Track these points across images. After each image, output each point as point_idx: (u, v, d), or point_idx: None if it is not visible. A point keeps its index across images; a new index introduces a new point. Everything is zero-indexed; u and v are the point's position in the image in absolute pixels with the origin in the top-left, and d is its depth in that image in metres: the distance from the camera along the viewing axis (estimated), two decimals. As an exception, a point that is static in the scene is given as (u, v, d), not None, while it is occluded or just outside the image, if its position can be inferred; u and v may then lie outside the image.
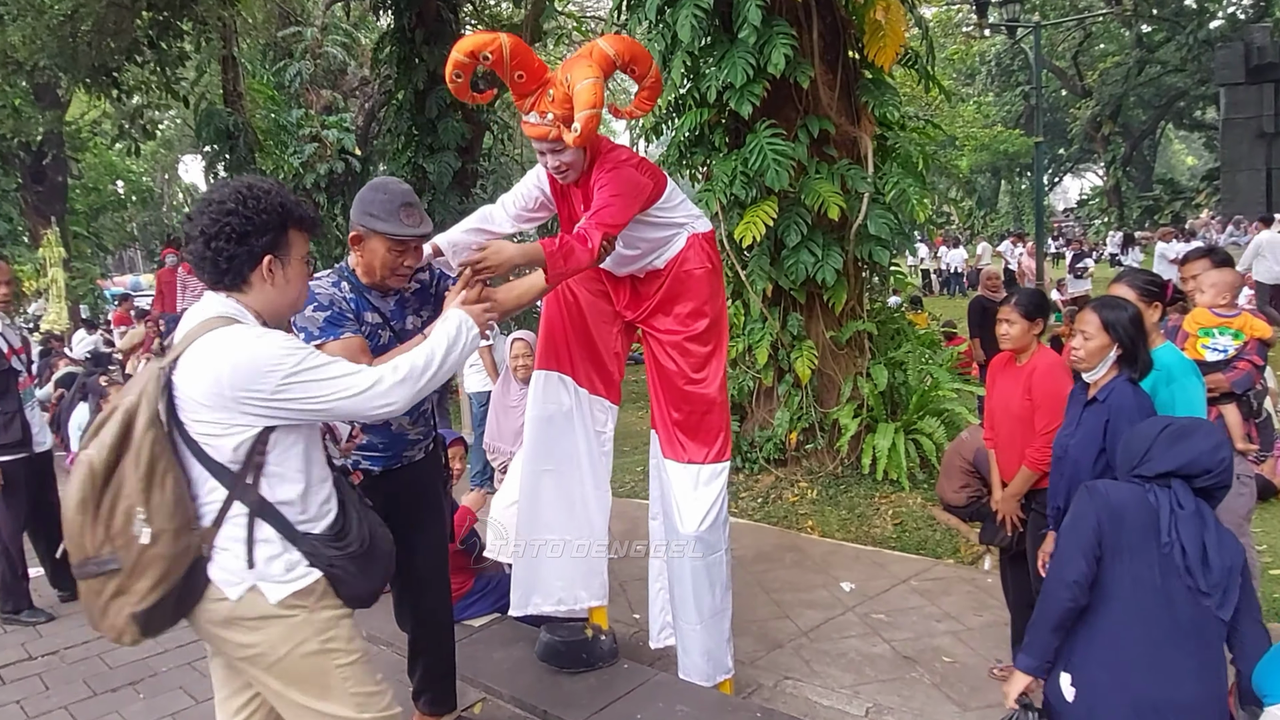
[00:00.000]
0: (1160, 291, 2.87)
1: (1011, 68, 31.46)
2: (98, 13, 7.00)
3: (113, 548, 1.61)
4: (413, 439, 2.65)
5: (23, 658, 3.74)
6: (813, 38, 5.41)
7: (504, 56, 2.43)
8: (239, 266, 1.76)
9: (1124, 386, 2.53)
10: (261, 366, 1.65)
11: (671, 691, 2.80)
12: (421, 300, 2.62)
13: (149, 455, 1.62)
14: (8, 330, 4.14)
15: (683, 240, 2.93)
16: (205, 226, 1.72)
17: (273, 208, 1.76)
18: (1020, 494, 3.12)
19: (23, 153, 18.05)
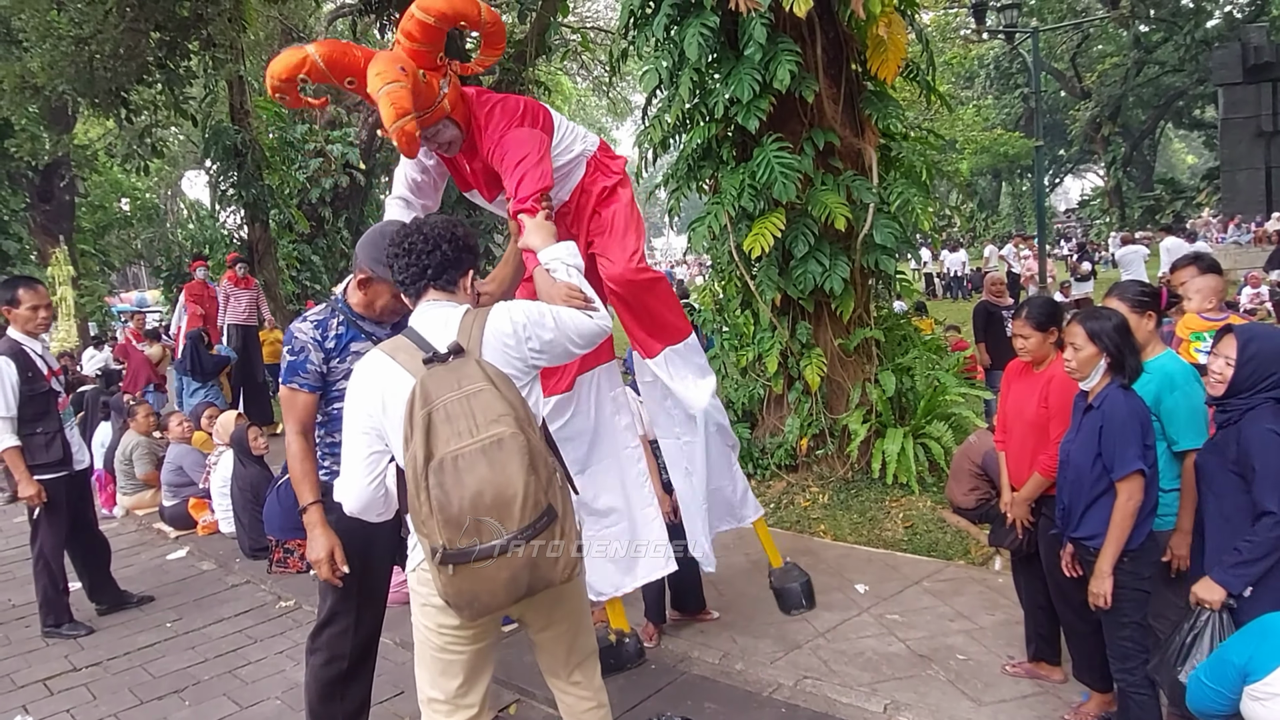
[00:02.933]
0: (1153, 300, 2.95)
1: (1010, 70, 31.65)
2: (114, 37, 7.17)
3: (548, 498, 1.85)
4: None
5: (67, 669, 3.88)
6: (816, 53, 5.54)
7: (322, 70, 2.49)
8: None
9: (1115, 393, 2.63)
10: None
11: (699, 690, 2.91)
12: None
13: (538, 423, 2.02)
14: (46, 353, 4.29)
15: (582, 168, 3.07)
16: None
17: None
18: (1032, 498, 3.21)
19: (31, 172, 18.28)
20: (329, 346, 2.56)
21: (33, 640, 4.30)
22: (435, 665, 2.09)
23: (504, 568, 1.81)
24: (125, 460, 6.68)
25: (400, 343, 1.99)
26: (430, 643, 2.09)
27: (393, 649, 3.76)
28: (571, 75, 23.89)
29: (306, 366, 2.53)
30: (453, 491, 1.77)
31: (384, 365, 1.97)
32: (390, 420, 1.94)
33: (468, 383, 1.84)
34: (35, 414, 4.12)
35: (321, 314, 2.62)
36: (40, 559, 4.24)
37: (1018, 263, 17.44)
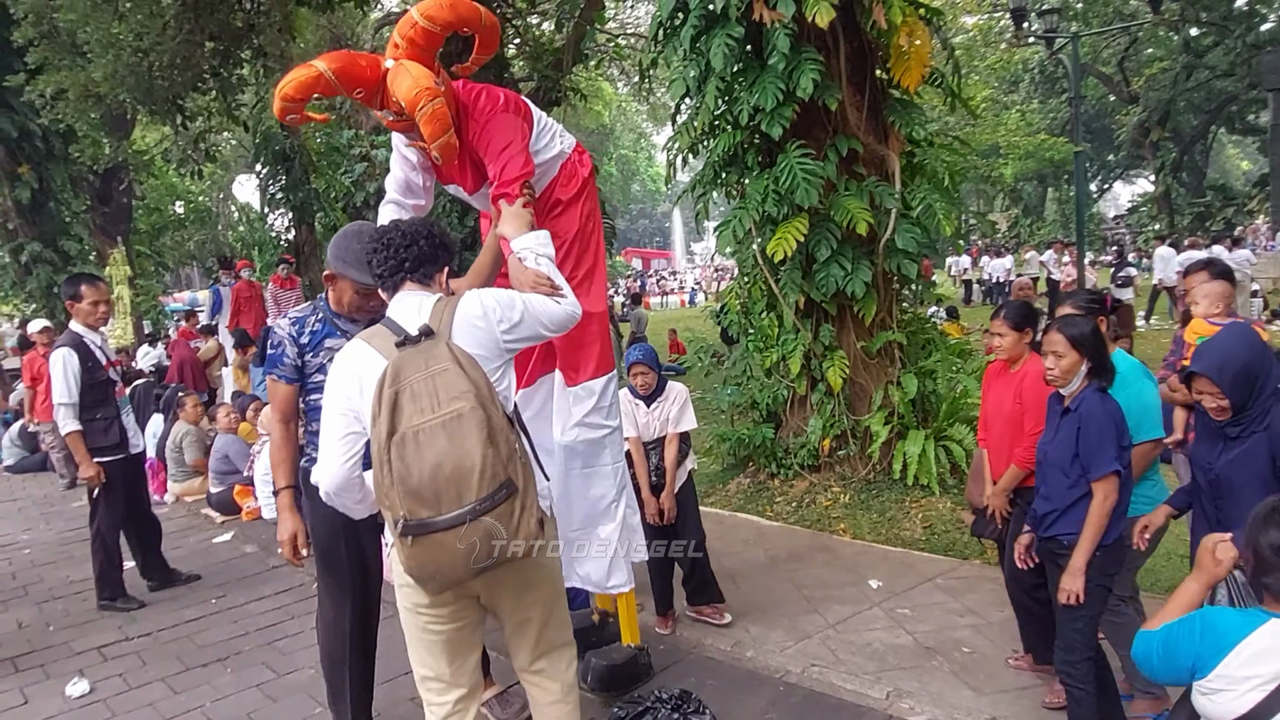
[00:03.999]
0: (1100, 306, 3.12)
1: (1055, 74, 31.14)
2: (171, 48, 7.55)
3: (508, 471, 1.94)
4: None
5: (120, 639, 4.16)
6: (840, 62, 5.66)
7: (334, 84, 2.55)
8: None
9: (1093, 396, 2.70)
10: None
11: (703, 669, 3.06)
12: None
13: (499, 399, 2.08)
14: (104, 344, 4.61)
15: (555, 169, 3.11)
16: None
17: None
18: (1008, 489, 3.37)
19: (92, 176, 19.01)
20: (304, 342, 2.73)
21: (89, 613, 4.61)
22: (420, 645, 2.17)
23: (462, 538, 1.88)
24: (175, 448, 7.03)
25: (377, 329, 2.11)
26: (411, 623, 2.17)
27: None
28: (612, 81, 24.16)
29: (283, 359, 2.72)
30: (413, 464, 1.87)
31: (361, 350, 2.08)
32: (366, 402, 2.02)
33: (434, 363, 1.95)
34: (95, 401, 4.43)
35: (303, 312, 2.80)
36: (98, 537, 4.56)
37: (1058, 269, 17.21)
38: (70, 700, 3.53)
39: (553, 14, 12.85)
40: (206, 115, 13.66)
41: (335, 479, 2.06)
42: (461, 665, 2.20)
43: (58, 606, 4.74)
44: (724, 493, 6.47)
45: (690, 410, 4.08)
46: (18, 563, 5.65)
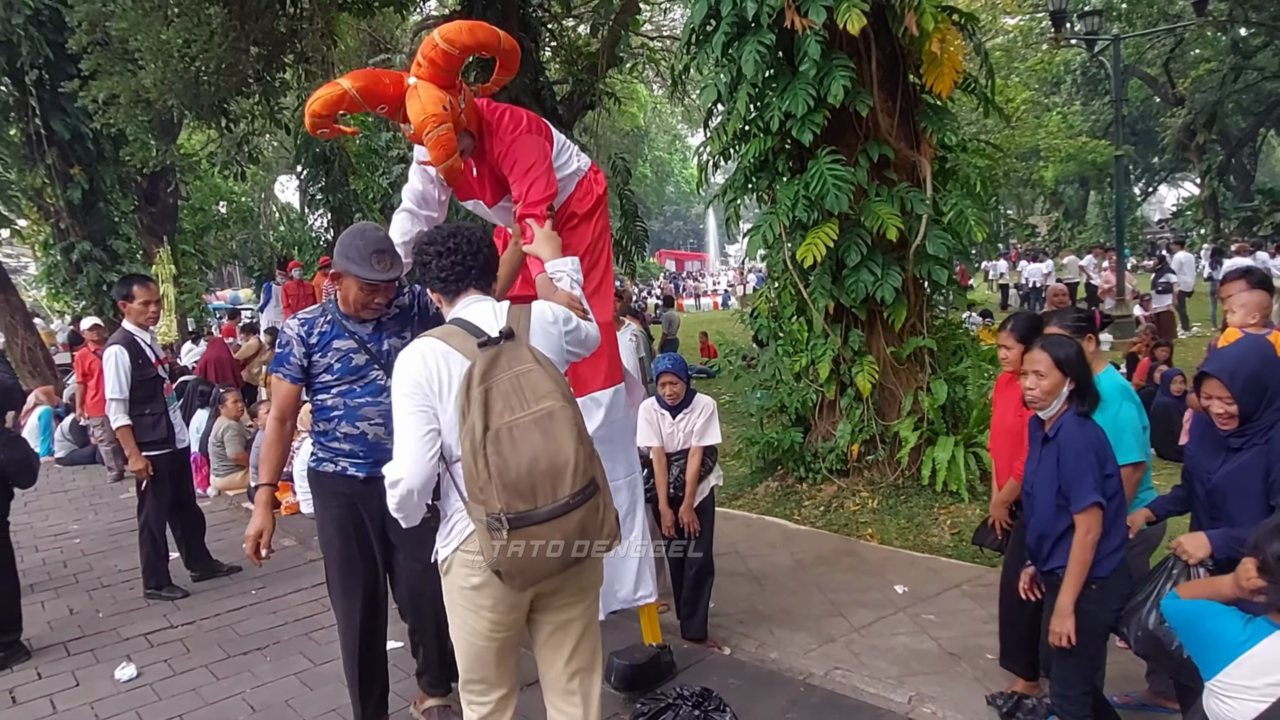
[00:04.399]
0: (1089, 323, 3.07)
1: (1098, 76, 30.60)
2: (218, 55, 7.78)
3: (592, 469, 2.02)
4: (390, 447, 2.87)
5: (165, 626, 4.33)
6: (871, 68, 5.67)
7: (358, 101, 2.66)
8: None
9: (1071, 422, 2.62)
10: None
11: (725, 668, 3.11)
12: (402, 324, 2.91)
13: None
14: (154, 343, 4.80)
15: (571, 187, 3.17)
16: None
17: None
18: (1008, 501, 3.37)
19: (140, 177, 19.55)
20: (311, 342, 2.78)
21: (136, 601, 4.79)
22: (472, 648, 2.17)
23: (556, 532, 1.94)
24: (218, 443, 7.25)
25: (451, 330, 2.11)
26: (467, 626, 2.16)
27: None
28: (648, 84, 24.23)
29: (290, 359, 2.78)
30: (510, 458, 1.91)
31: (438, 349, 2.08)
32: (445, 401, 2.04)
33: (518, 364, 2.01)
34: (144, 397, 4.62)
35: (312, 313, 2.85)
36: (145, 528, 4.74)
37: (1098, 274, 16.94)
38: (119, 684, 3.68)
39: (588, 17, 12.96)
40: (250, 119, 14.00)
41: (421, 476, 2.02)
42: (507, 666, 2.23)
43: (107, 594, 4.93)
44: (752, 496, 6.51)
45: (716, 424, 4.01)
46: (69, 551, 5.88)
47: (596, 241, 3.29)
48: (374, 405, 2.79)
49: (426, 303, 2.95)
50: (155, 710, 3.42)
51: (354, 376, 2.79)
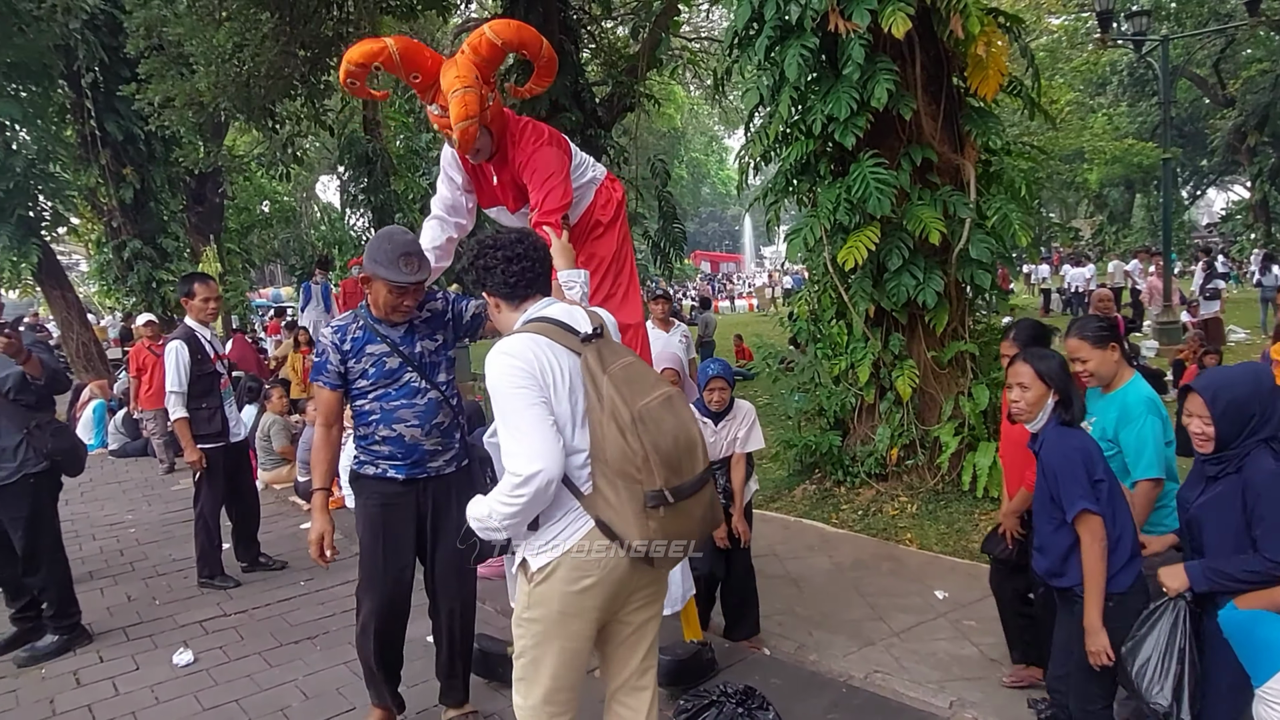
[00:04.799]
0: (1113, 332, 3.01)
1: (1145, 77, 29.98)
2: (269, 59, 7.98)
3: (709, 457, 2.13)
4: (429, 449, 2.90)
5: (219, 614, 4.47)
6: (915, 71, 5.65)
7: (396, 62, 2.70)
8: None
9: (1052, 434, 2.61)
10: None
11: (767, 668, 3.14)
12: (434, 327, 2.95)
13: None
14: (213, 339, 4.96)
15: (590, 195, 3.21)
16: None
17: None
18: (1019, 511, 3.34)
19: (189, 177, 20.05)
20: (345, 349, 2.82)
21: (190, 589, 4.94)
22: (563, 657, 2.12)
23: (697, 506, 2.04)
24: (264, 437, 7.43)
25: (544, 327, 2.11)
26: (566, 633, 2.11)
27: (493, 615, 4.16)
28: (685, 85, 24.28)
29: (327, 366, 2.83)
30: (658, 436, 1.97)
31: (542, 343, 2.07)
32: (558, 393, 2.04)
33: (621, 355, 2.10)
34: (201, 391, 4.79)
35: (345, 320, 2.89)
36: (200, 518, 4.90)
37: (1143, 279, 16.61)
38: (177, 669, 3.81)
39: (628, 20, 13.04)
40: (295, 120, 14.31)
41: (560, 463, 1.99)
42: (581, 675, 2.24)
43: (162, 582, 5.09)
44: (789, 498, 6.52)
45: (759, 430, 4.03)
46: (124, 540, 6.07)
47: (621, 247, 3.35)
48: (409, 408, 2.83)
49: (461, 308, 3.00)
50: (213, 694, 3.54)
51: (389, 380, 2.82)
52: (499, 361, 2.04)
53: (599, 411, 2.01)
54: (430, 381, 2.87)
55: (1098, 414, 3.02)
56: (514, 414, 2.00)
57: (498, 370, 2.03)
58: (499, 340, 2.12)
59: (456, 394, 3.00)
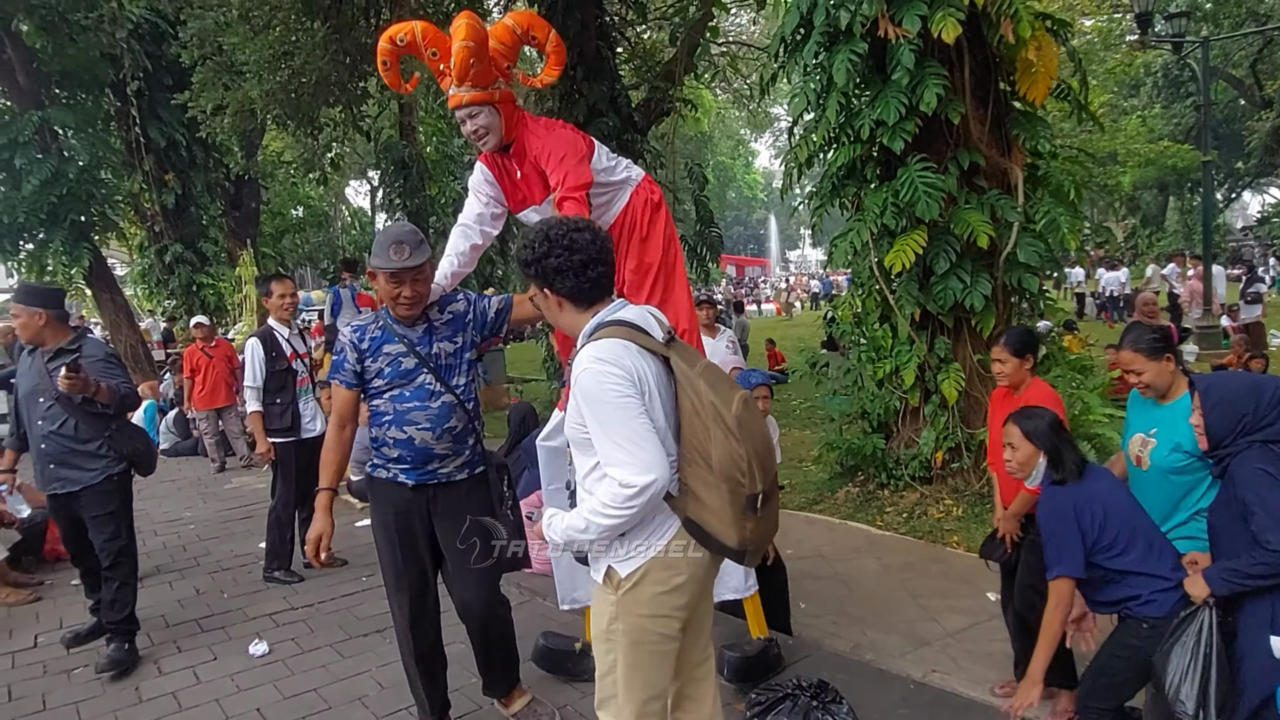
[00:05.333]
0: (1166, 343, 2.98)
1: (1180, 79, 29.61)
2: (320, 67, 8.16)
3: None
4: (439, 454, 2.86)
5: (287, 608, 4.60)
6: (964, 76, 5.68)
7: (416, 39, 2.80)
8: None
9: (1044, 493, 2.67)
10: None
11: (831, 664, 3.20)
12: (454, 328, 2.92)
13: None
14: (293, 337, 5.12)
15: (626, 195, 3.20)
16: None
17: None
18: (1019, 514, 3.36)
19: (227, 183, 20.45)
20: (363, 348, 2.82)
21: (255, 583, 5.08)
22: (656, 660, 2.11)
23: (775, 506, 2.07)
24: (315, 438, 7.59)
25: (624, 330, 2.06)
26: (663, 633, 2.10)
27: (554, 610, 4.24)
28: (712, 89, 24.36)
29: (344, 365, 2.83)
30: (751, 438, 1.98)
31: (631, 348, 2.03)
32: (651, 398, 2.02)
33: (698, 358, 2.12)
34: (275, 387, 4.98)
35: (365, 320, 2.91)
36: (274, 512, 5.07)
37: (1180, 283, 16.42)
38: (253, 659, 3.95)
39: (664, 26, 13.13)
40: (332, 126, 14.57)
41: (669, 472, 1.99)
42: (670, 678, 2.23)
43: (227, 576, 5.25)
44: (832, 501, 6.56)
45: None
46: (185, 537, 6.24)
47: (667, 250, 3.33)
48: (422, 410, 2.81)
49: (484, 307, 2.99)
50: (291, 683, 3.66)
51: (404, 380, 2.81)
52: (598, 370, 1.98)
53: (699, 415, 2.00)
54: (445, 384, 2.84)
55: (1160, 425, 2.99)
56: (621, 424, 1.95)
57: (598, 379, 1.97)
58: (587, 345, 2.05)
59: (474, 399, 2.97)
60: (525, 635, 3.92)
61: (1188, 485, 2.90)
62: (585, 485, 2.12)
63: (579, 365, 2.03)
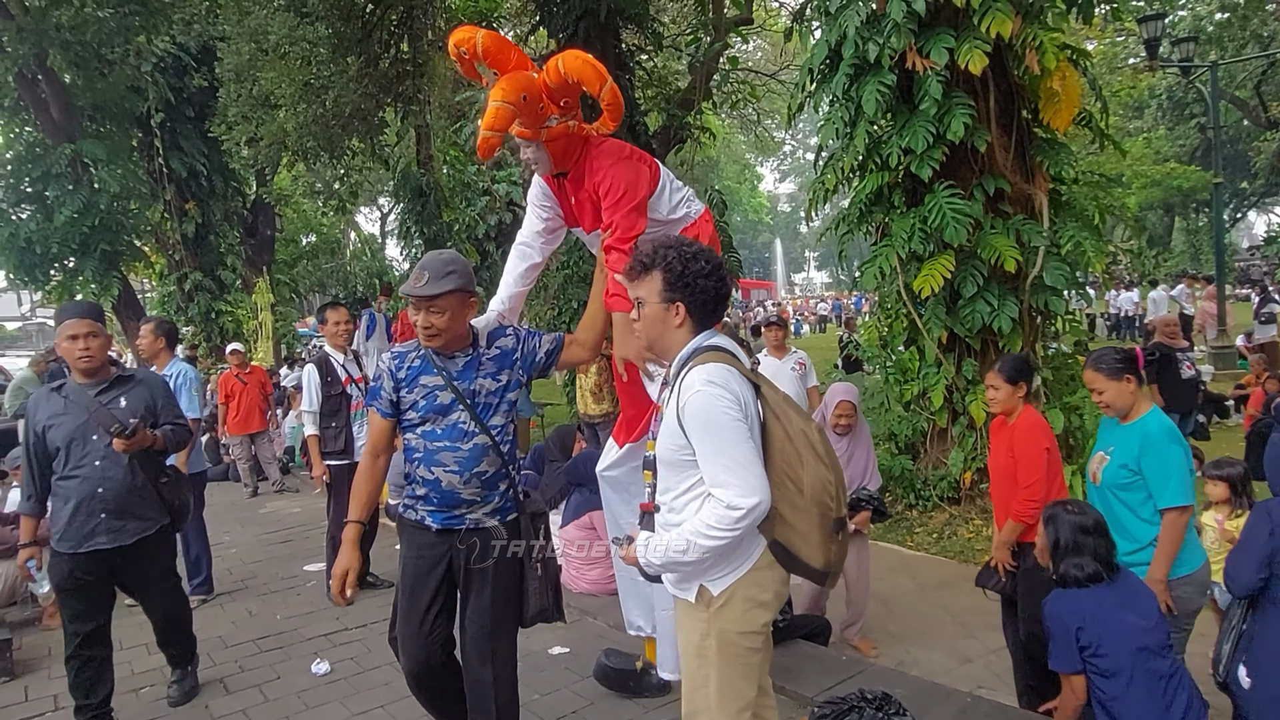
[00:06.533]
0: (1128, 365, 3.08)
1: (1185, 101, 29.89)
2: (353, 99, 8.39)
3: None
4: (466, 499, 2.66)
5: (340, 629, 4.68)
6: (989, 105, 5.86)
7: (477, 53, 2.71)
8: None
9: (1052, 593, 2.78)
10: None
11: (887, 679, 3.29)
12: (500, 365, 2.74)
13: None
14: (348, 363, 5.26)
15: (677, 231, 3.03)
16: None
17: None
18: (1008, 543, 3.44)
19: (245, 211, 20.75)
20: (400, 377, 2.67)
21: (307, 604, 5.17)
22: (744, 672, 2.18)
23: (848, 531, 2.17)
24: (350, 463, 7.71)
25: (725, 357, 2.14)
26: (752, 647, 2.17)
27: (606, 629, 4.34)
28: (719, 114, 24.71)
29: (380, 393, 2.69)
30: (838, 468, 2.10)
31: (735, 374, 2.11)
32: (751, 423, 2.09)
33: (776, 387, 2.24)
34: (330, 411, 5.12)
35: (408, 346, 2.75)
36: (330, 536, 5.20)
37: (1190, 304, 16.52)
38: (316, 677, 4.03)
39: (679, 55, 13.38)
40: (351, 155, 14.84)
41: (770, 497, 2.05)
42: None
43: (277, 598, 5.33)
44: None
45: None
46: (229, 560, 6.34)
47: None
48: (451, 451, 2.64)
49: (534, 346, 2.84)
50: (358, 700, 3.74)
51: (437, 415, 2.65)
52: (713, 393, 2.03)
53: (791, 441, 2.08)
54: (481, 424, 2.66)
55: (1116, 443, 3.09)
56: (733, 446, 2.01)
57: (713, 402, 2.02)
58: (696, 369, 2.10)
59: (511, 440, 2.79)
60: (581, 654, 4.04)
61: (1134, 502, 2.99)
62: (674, 506, 2.16)
63: (689, 388, 2.07)
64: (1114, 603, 2.63)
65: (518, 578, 2.76)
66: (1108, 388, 3.04)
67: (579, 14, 9.19)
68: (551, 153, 2.90)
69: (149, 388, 3.57)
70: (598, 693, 3.64)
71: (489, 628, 2.69)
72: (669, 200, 3.06)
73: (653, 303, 2.18)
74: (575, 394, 7.89)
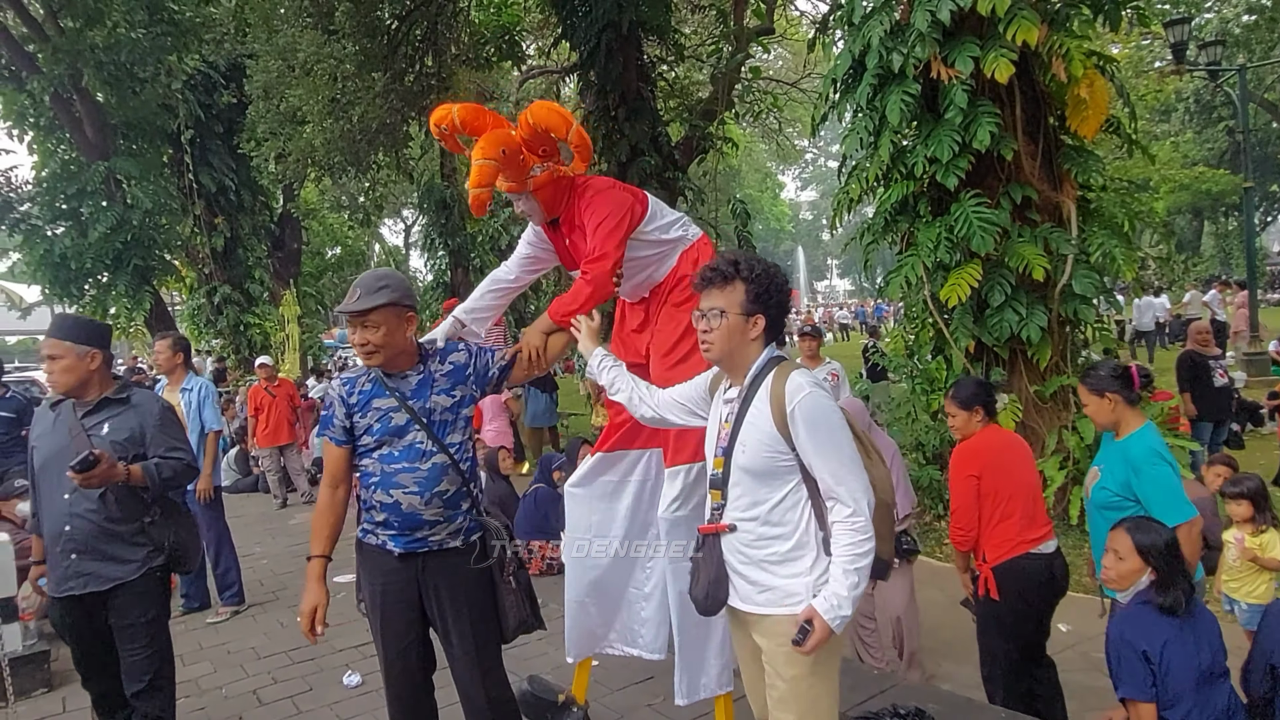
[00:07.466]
0: (1112, 381, 3.01)
1: (1212, 104, 29.51)
2: (380, 115, 8.51)
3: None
4: (428, 519, 2.58)
5: (369, 640, 4.68)
6: (1015, 113, 5.82)
7: (455, 125, 2.78)
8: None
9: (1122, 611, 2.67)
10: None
11: (919, 694, 3.26)
12: (453, 380, 2.68)
13: None
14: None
15: (675, 257, 3.04)
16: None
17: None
18: (961, 568, 3.53)
19: (272, 224, 21.07)
20: (352, 402, 2.61)
21: (337, 616, 5.10)
22: (834, 677, 2.23)
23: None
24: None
25: (798, 367, 2.22)
26: (838, 654, 2.27)
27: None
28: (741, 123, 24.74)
29: (333, 421, 2.64)
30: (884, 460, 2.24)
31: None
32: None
33: None
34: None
35: (356, 372, 2.69)
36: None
37: (1222, 310, 16.25)
38: (348, 689, 4.08)
39: (702, 66, 13.44)
40: (376, 169, 15.03)
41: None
42: None
43: (307, 610, 5.38)
44: (890, 532, 6.58)
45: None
46: (259, 571, 6.41)
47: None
48: (410, 472, 2.57)
49: (486, 362, 2.77)
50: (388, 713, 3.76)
51: (393, 437, 2.59)
52: (821, 395, 2.10)
53: (861, 441, 2.18)
54: (438, 442, 2.60)
55: (1107, 461, 3.06)
56: (848, 445, 2.09)
57: (824, 401, 2.09)
58: (797, 372, 2.14)
59: (471, 459, 2.73)
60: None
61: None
62: (770, 519, 2.13)
63: (798, 390, 2.08)
64: (1188, 630, 2.54)
65: (492, 596, 2.71)
66: (1089, 402, 3.06)
67: (601, 26, 9.26)
68: (541, 200, 2.92)
69: (140, 414, 3.11)
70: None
71: (474, 653, 2.66)
72: (662, 224, 3.05)
73: (735, 314, 2.17)
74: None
